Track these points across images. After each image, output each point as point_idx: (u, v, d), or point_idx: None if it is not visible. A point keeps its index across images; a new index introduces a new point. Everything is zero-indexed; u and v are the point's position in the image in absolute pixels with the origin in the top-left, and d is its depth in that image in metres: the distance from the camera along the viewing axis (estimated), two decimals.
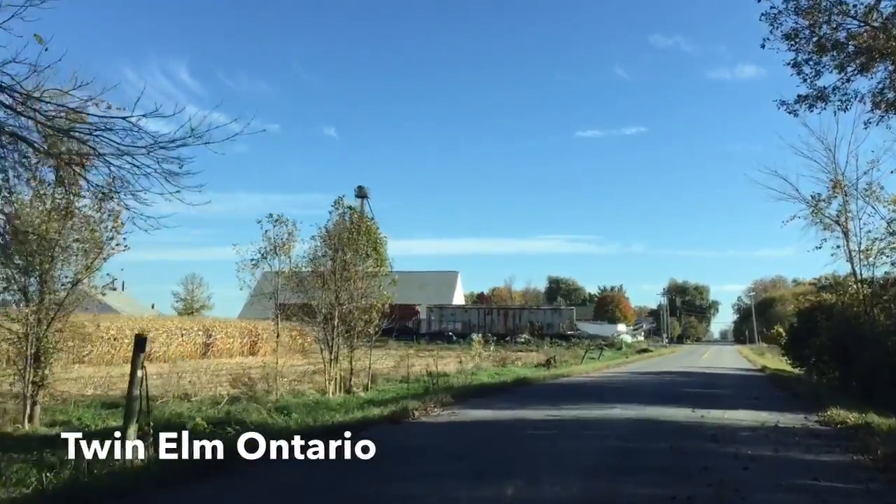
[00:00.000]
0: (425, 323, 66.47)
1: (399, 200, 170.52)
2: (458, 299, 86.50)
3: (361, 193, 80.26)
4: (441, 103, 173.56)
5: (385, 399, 13.93)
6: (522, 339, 61.15)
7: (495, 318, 66.01)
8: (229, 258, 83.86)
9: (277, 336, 17.74)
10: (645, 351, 55.28)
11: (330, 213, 19.29)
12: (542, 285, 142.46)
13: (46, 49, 5.37)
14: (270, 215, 17.47)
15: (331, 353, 18.44)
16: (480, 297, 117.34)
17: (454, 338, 62.15)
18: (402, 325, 67.38)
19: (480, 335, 59.44)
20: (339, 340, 18.82)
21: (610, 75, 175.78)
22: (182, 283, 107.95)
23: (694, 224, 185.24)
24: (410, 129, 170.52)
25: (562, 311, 68.17)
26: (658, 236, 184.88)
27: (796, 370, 23.90)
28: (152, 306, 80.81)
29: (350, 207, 19.98)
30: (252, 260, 17.17)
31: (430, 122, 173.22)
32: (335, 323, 18.54)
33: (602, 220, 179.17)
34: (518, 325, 64.54)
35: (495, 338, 62.57)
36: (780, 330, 28.09)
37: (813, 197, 16.09)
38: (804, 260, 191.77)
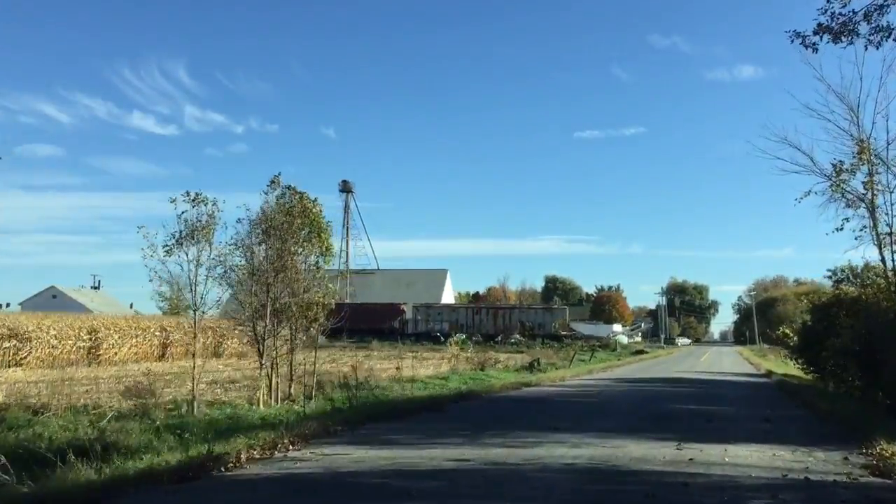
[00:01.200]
0: (412, 323, 63.56)
1: (397, 201, 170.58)
2: (448, 298, 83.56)
3: (346, 188, 77.71)
4: (440, 104, 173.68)
5: (289, 419, 10.99)
6: (514, 340, 58.36)
7: (484, 318, 63.04)
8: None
9: (195, 336, 14.85)
10: (640, 353, 52.48)
11: (265, 192, 16.48)
12: (538, 285, 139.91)
13: None
14: (187, 193, 14.57)
15: (261, 356, 15.74)
16: (476, 296, 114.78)
17: (441, 338, 59.36)
18: (388, 325, 64.81)
19: (463, 335, 56.65)
20: (272, 342, 16.12)
21: (608, 75, 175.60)
22: (167, 281, 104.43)
23: (693, 224, 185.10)
24: (409, 130, 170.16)
25: (554, 311, 65.16)
26: (657, 237, 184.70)
27: (808, 376, 21.00)
28: (130, 306, 78.04)
29: (289, 187, 17.10)
30: (164, 247, 14.31)
31: (428, 122, 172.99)
32: (266, 321, 15.83)
33: (601, 221, 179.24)
34: (508, 326, 61.64)
35: (483, 338, 59.95)
36: (787, 331, 25.28)
37: (834, 166, 13.08)
38: (805, 259, 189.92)
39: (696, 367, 37.70)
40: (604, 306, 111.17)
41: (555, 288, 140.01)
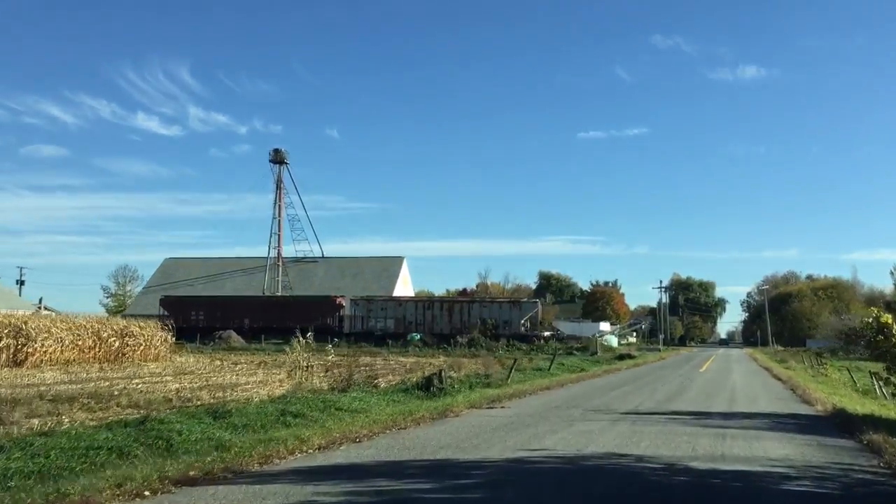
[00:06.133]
0: (351, 320, 52.18)
1: (400, 202, 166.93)
2: (406, 292, 71.59)
3: (278, 158, 66.89)
4: (443, 105, 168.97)
5: None
6: (480, 342, 46.98)
7: (437, 314, 51.53)
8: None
9: None
10: (626, 357, 41.07)
11: None
12: (531, 281, 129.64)
13: None
14: None
15: None
16: (462, 292, 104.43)
17: (385, 339, 48.10)
18: (321, 323, 53.51)
19: (416, 334, 45.25)
20: None
21: (611, 76, 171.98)
22: (111, 276, 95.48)
23: (697, 225, 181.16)
24: (412, 131, 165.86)
25: (522, 305, 53.30)
26: (661, 237, 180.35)
27: None
28: (39, 300, 67.16)
29: None
30: None
31: (431, 123, 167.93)
32: None
33: (605, 222, 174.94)
34: (466, 323, 50.23)
35: (437, 339, 48.70)
36: (888, 319, 11.92)
37: None
38: (812, 260, 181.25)
39: (686, 389, 21.72)
40: (597, 303, 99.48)
41: (549, 284, 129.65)
